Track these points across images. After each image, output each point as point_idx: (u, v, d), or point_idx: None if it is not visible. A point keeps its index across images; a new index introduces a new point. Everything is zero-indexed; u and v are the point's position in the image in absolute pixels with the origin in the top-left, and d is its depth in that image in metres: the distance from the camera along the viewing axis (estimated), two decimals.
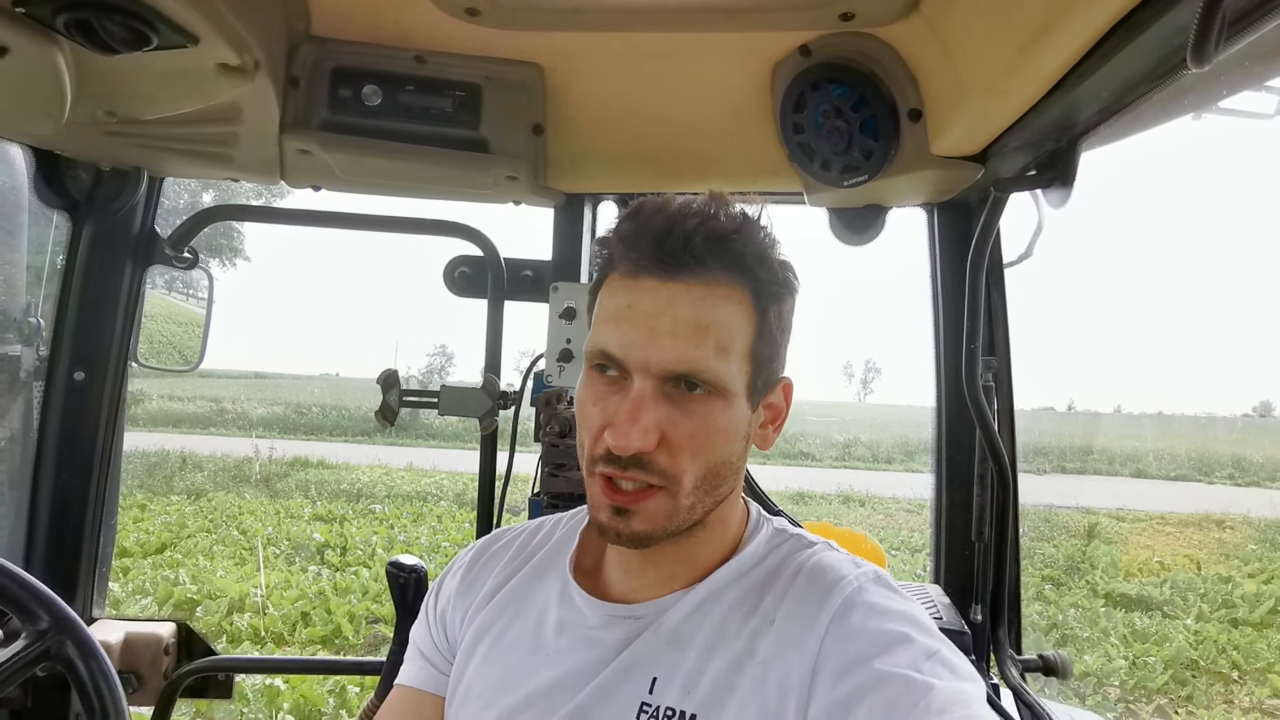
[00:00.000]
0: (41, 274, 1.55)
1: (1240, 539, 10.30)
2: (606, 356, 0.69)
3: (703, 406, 0.68)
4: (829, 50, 1.18)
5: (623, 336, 0.68)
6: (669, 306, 0.67)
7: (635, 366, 0.68)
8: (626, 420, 0.66)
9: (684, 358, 0.67)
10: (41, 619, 0.89)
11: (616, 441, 0.67)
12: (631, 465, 0.68)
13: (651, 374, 0.67)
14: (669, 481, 0.68)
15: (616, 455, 0.67)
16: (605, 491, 0.70)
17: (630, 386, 0.68)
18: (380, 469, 12.70)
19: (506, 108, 1.32)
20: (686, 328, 0.67)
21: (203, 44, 1.00)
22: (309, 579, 6.86)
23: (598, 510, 0.71)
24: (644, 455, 0.67)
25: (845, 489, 12.52)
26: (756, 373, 0.72)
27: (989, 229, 1.28)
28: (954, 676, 0.63)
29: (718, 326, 0.68)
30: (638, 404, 0.67)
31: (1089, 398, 78.48)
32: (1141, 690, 5.49)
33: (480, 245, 1.56)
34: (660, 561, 0.76)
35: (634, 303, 0.69)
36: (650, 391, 0.67)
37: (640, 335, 0.67)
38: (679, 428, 0.68)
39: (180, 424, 18.13)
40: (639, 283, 0.69)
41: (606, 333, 0.70)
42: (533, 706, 0.74)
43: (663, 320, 0.67)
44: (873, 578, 0.73)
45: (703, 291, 0.68)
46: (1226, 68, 0.75)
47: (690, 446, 0.68)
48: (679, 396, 0.68)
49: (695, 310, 0.67)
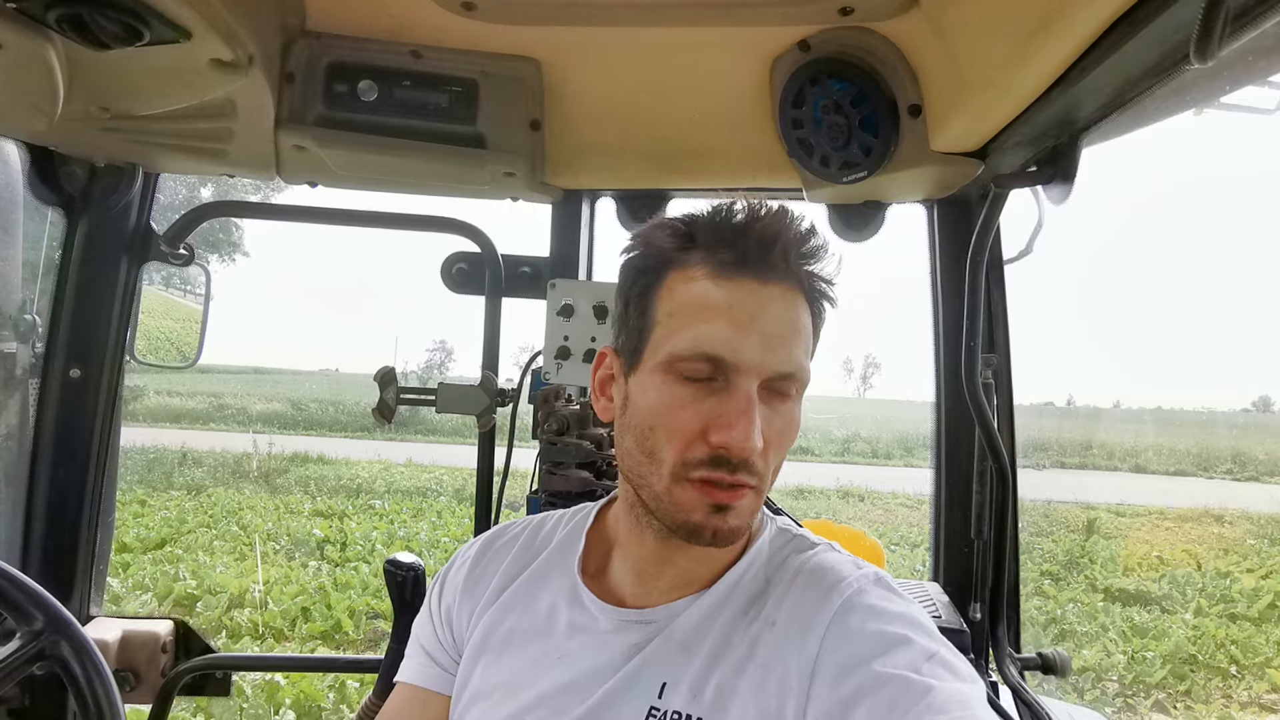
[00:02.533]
0: (37, 270, 1.55)
1: (1239, 534, 10.32)
2: (708, 359, 0.67)
3: (788, 406, 0.71)
4: (828, 45, 1.17)
5: (729, 338, 0.67)
6: (771, 309, 0.69)
7: (746, 368, 0.67)
8: (744, 421, 0.66)
9: (794, 361, 0.69)
10: (36, 619, 0.88)
11: (738, 444, 0.66)
12: (741, 469, 0.67)
13: (761, 375, 0.68)
14: (761, 480, 0.70)
15: (727, 459, 0.67)
16: (704, 493, 0.68)
17: (734, 390, 0.67)
18: (380, 464, 12.71)
19: (504, 103, 1.31)
20: (789, 329, 0.69)
21: (195, 39, 0.99)
22: (309, 574, 6.87)
23: (690, 512, 0.69)
24: (753, 456, 0.67)
25: (844, 484, 12.54)
26: (807, 378, 0.74)
27: (989, 225, 1.27)
28: (953, 678, 0.63)
29: (804, 330, 0.71)
30: (749, 404, 0.67)
31: (1088, 393, 78.66)
32: (1140, 685, 5.51)
33: (478, 241, 1.55)
34: (682, 563, 0.76)
35: (736, 303, 0.68)
36: (758, 394, 0.68)
37: (751, 337, 0.67)
38: (773, 428, 0.69)
39: (180, 419, 18.15)
40: (737, 283, 0.69)
41: (704, 333, 0.68)
42: (543, 707, 0.73)
43: (769, 323, 0.68)
44: (873, 579, 0.72)
45: (791, 297, 0.70)
46: (1229, 63, 0.74)
47: (778, 445, 0.70)
48: (770, 398, 0.69)
49: (790, 314, 0.70)
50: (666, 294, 0.71)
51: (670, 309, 0.71)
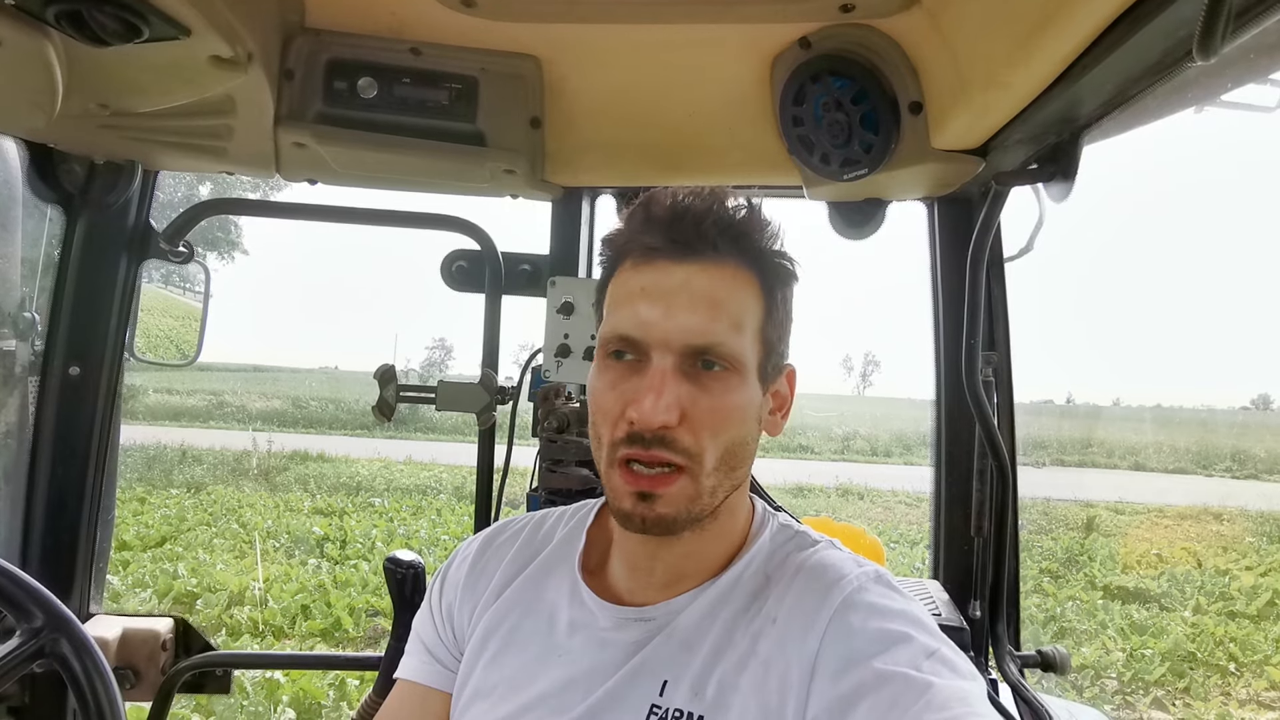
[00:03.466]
0: (36, 268, 1.54)
1: (1238, 531, 10.34)
2: (624, 340, 0.70)
3: (720, 383, 0.69)
4: (829, 42, 1.16)
5: (640, 316, 0.69)
6: (685, 285, 0.69)
7: (655, 343, 0.68)
8: (651, 394, 0.67)
9: (702, 331, 0.68)
10: (36, 616, 0.88)
11: (641, 417, 0.66)
12: (655, 444, 0.67)
13: (672, 349, 0.68)
14: (691, 460, 0.68)
15: (640, 434, 0.67)
16: (627, 479, 0.69)
17: (649, 367, 0.69)
18: (379, 462, 12.71)
19: (503, 100, 1.31)
20: (704, 304, 0.68)
21: (194, 36, 0.98)
22: (309, 572, 6.87)
23: (620, 499, 0.70)
24: (668, 432, 0.67)
25: (844, 482, 12.55)
26: (766, 355, 0.73)
27: (989, 223, 1.27)
28: (954, 675, 0.63)
29: (732, 304, 0.70)
30: (660, 379, 0.67)
31: (1088, 391, 78.57)
32: (1139, 683, 5.51)
33: (477, 239, 1.55)
34: (669, 558, 0.76)
35: (649, 284, 0.70)
36: (670, 368, 0.68)
37: (659, 313, 0.68)
38: (699, 405, 0.68)
39: (179, 417, 18.14)
40: (653, 265, 0.71)
41: (623, 316, 0.70)
42: (544, 705, 0.74)
43: (680, 297, 0.69)
44: (873, 577, 0.72)
45: (716, 272, 0.70)
46: (1230, 60, 0.74)
47: (710, 424, 0.69)
48: (697, 374, 0.69)
49: (711, 288, 0.69)
50: (611, 288, 0.74)
51: (609, 302, 0.74)
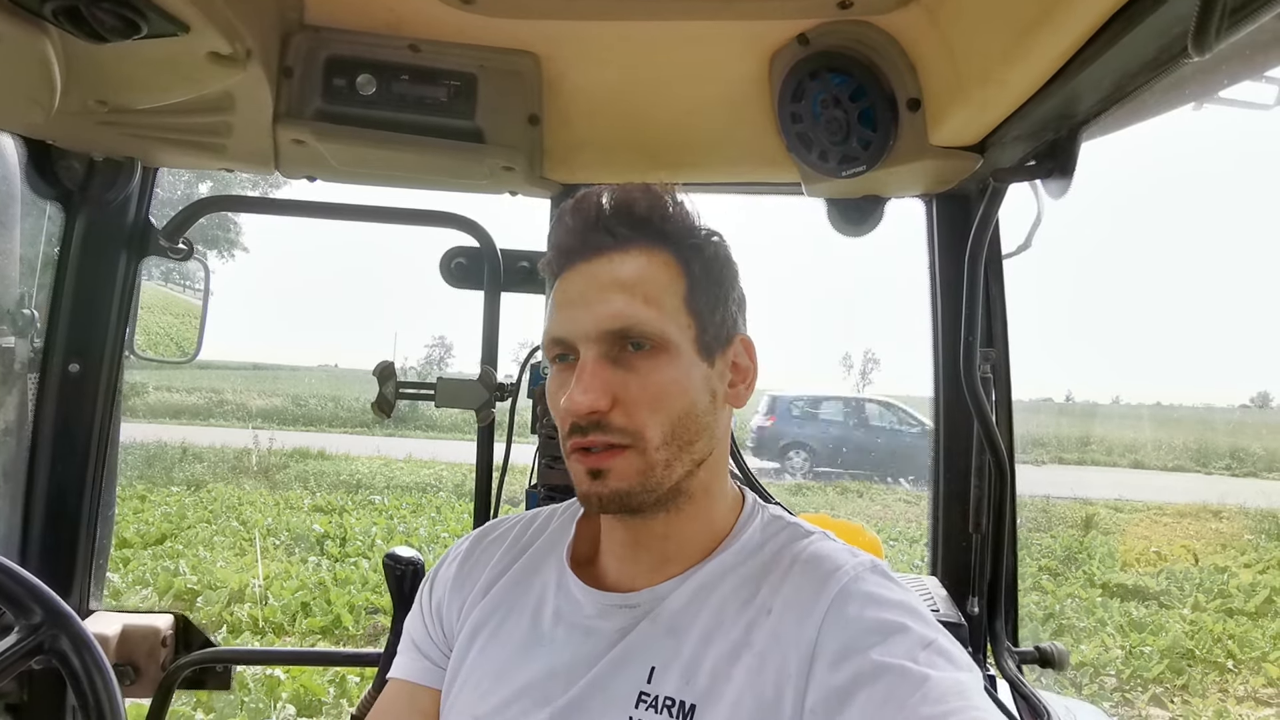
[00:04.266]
0: (35, 265, 1.54)
1: (1237, 529, 10.34)
2: (557, 342, 0.74)
3: (647, 362, 0.71)
4: (827, 39, 1.16)
5: (565, 317, 0.73)
6: (594, 279, 0.73)
7: (579, 338, 0.72)
8: (578, 386, 0.70)
9: (614, 313, 0.70)
10: (35, 613, 0.88)
11: (570, 406, 0.70)
12: (593, 429, 0.70)
13: (593, 339, 0.71)
14: (633, 438, 0.70)
15: (578, 424, 0.71)
16: (580, 460, 0.72)
17: (578, 361, 0.72)
18: (379, 460, 12.70)
19: (502, 97, 1.31)
20: (614, 289, 0.72)
21: (193, 32, 0.98)
22: (309, 569, 6.87)
23: (579, 483, 0.74)
24: (601, 416, 0.70)
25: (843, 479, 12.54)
26: (701, 326, 0.74)
27: (988, 220, 1.27)
28: (951, 666, 0.63)
29: (643, 282, 0.72)
30: (585, 369, 0.71)
31: (1087, 388, 78.71)
32: (1137, 679, 5.52)
33: (476, 236, 1.55)
34: (650, 542, 0.77)
35: (569, 287, 0.75)
36: (594, 356, 0.71)
37: (579, 310, 0.72)
38: (629, 387, 0.71)
39: (179, 415, 18.13)
40: (571, 270, 0.75)
41: (553, 322, 0.75)
42: (528, 695, 0.74)
43: (591, 290, 0.72)
44: (869, 567, 0.72)
45: (621, 258, 0.73)
46: (1227, 57, 0.74)
47: (646, 402, 0.71)
48: (625, 358, 0.71)
49: (617, 273, 0.72)
50: (548, 304, 0.79)
51: (547, 315, 0.79)
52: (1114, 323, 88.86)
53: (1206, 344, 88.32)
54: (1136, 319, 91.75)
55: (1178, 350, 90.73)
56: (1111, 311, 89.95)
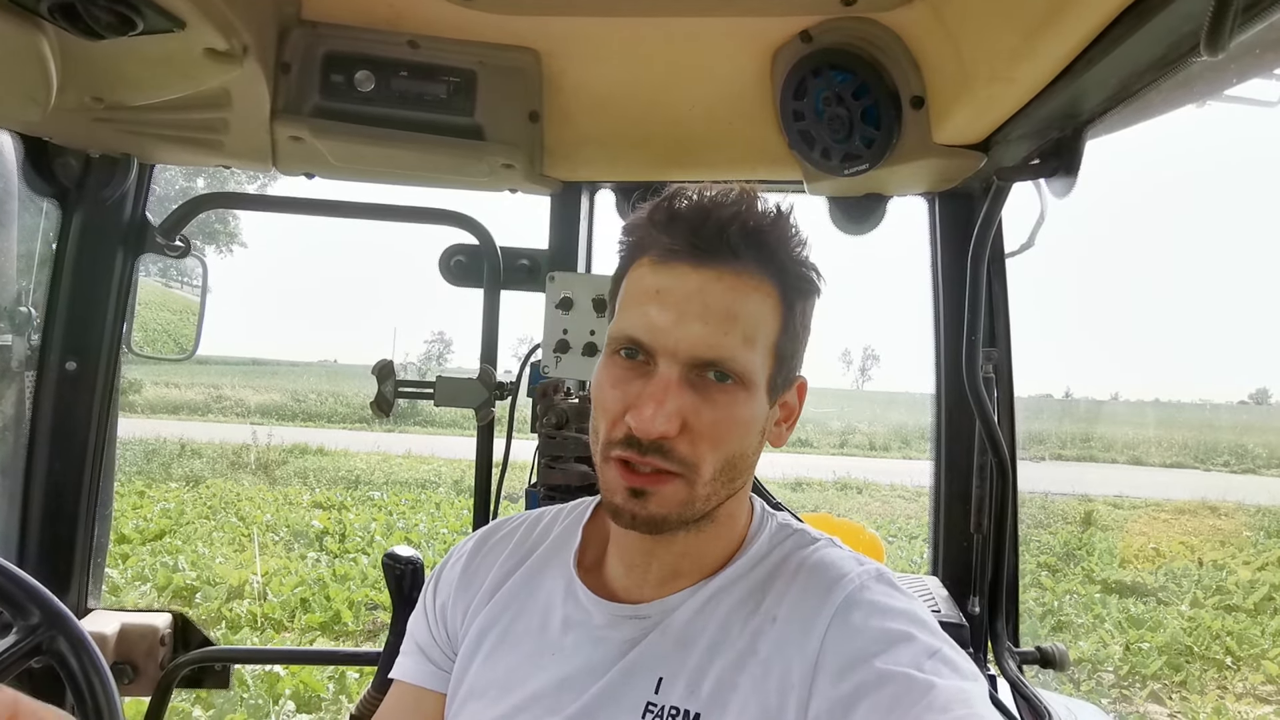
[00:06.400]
0: (32, 262, 1.54)
1: (1235, 526, 10.36)
2: (632, 341, 0.69)
3: (726, 396, 0.68)
4: (830, 36, 1.16)
5: (651, 321, 0.68)
6: (700, 293, 0.67)
7: (663, 351, 0.67)
8: (651, 404, 0.66)
9: (712, 344, 0.66)
10: (32, 613, 0.88)
11: (639, 425, 0.66)
12: (651, 451, 0.67)
13: (679, 360, 0.67)
14: (688, 470, 0.68)
15: (637, 439, 0.66)
16: (622, 474, 0.68)
17: (654, 372, 0.68)
18: (378, 456, 12.72)
19: (502, 94, 1.30)
20: (717, 315, 0.67)
21: (189, 28, 0.97)
22: (308, 566, 6.88)
23: (612, 494, 0.70)
24: (665, 441, 0.66)
25: (842, 476, 12.57)
26: (778, 369, 0.71)
27: (991, 219, 1.26)
28: (956, 675, 0.62)
29: (747, 317, 0.68)
30: (663, 388, 0.66)
31: (1087, 386, 78.62)
32: (1136, 676, 5.53)
33: (476, 234, 1.54)
34: (665, 556, 0.75)
35: (664, 288, 0.68)
36: (676, 377, 0.67)
37: (670, 320, 0.67)
38: (701, 417, 0.67)
39: (178, 411, 18.15)
40: (670, 268, 0.69)
41: (633, 317, 0.69)
42: (538, 704, 0.73)
43: (693, 306, 0.67)
44: (874, 575, 0.72)
45: (734, 281, 0.68)
46: (1235, 55, 0.73)
47: (711, 436, 0.68)
48: (703, 385, 0.68)
49: (726, 299, 0.67)
50: (627, 283, 0.73)
51: (623, 298, 0.73)
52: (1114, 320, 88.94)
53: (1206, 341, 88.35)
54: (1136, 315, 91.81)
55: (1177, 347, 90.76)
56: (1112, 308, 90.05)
